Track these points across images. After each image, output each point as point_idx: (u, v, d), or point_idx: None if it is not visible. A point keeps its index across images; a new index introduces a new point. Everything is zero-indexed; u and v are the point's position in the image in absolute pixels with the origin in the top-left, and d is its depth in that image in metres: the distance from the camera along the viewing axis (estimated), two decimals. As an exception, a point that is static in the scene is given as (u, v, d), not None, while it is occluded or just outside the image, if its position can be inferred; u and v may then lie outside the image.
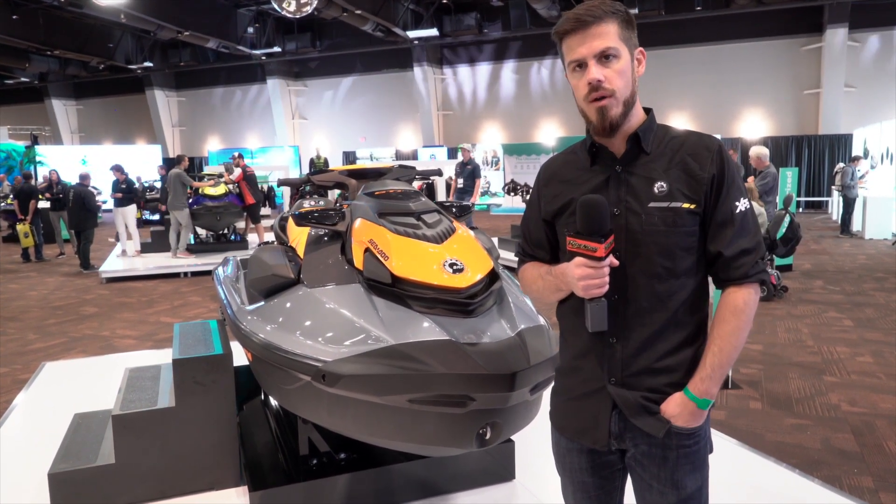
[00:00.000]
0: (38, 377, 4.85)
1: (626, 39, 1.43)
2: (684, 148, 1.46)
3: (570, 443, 1.59)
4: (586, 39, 1.40)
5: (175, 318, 7.31)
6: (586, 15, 1.40)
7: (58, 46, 20.95)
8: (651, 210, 1.42)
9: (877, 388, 4.53)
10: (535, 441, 3.33)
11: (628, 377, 1.46)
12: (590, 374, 1.51)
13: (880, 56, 18.10)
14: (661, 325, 1.44)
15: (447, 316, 2.13)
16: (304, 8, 14.51)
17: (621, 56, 1.41)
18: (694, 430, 1.48)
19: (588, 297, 1.39)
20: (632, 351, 1.46)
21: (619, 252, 1.42)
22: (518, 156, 21.07)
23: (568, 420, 1.59)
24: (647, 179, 1.44)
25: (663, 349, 1.45)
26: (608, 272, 1.38)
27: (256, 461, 3.06)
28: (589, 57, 1.40)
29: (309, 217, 2.65)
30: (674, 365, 1.46)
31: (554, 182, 1.58)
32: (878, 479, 3.28)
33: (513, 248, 10.11)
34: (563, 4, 18.20)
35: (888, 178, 13.49)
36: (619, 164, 1.48)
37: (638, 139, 1.46)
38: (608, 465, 1.57)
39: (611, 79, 1.40)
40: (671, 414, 1.43)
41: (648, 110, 1.51)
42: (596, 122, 1.44)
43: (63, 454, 2.95)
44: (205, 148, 26.75)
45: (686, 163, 1.44)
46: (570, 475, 1.63)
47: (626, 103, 1.43)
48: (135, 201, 11.84)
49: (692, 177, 1.43)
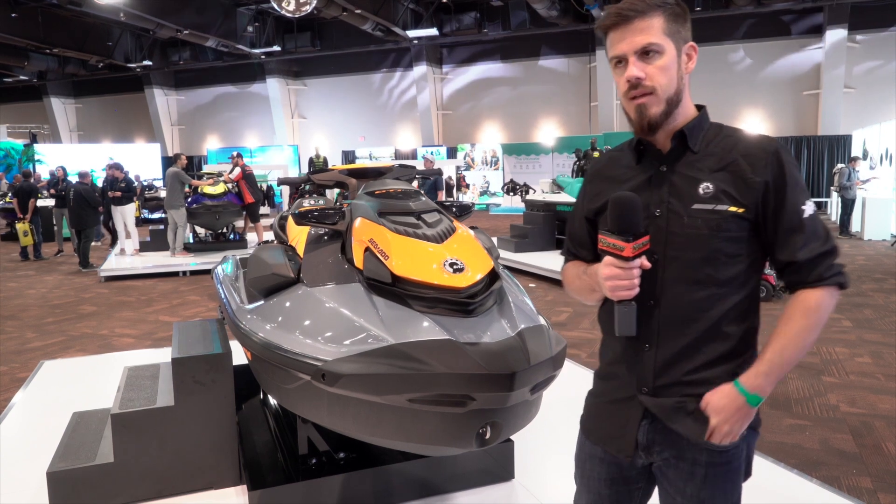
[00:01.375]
0: (36, 376, 4.84)
1: (672, 34, 1.35)
2: (737, 148, 1.37)
3: (594, 448, 1.54)
4: (627, 35, 1.34)
5: (174, 317, 7.31)
6: (628, 9, 1.33)
7: (57, 45, 20.93)
8: (694, 212, 1.35)
9: (875, 389, 4.53)
10: (534, 441, 3.34)
11: (660, 387, 1.40)
12: (623, 380, 1.45)
13: (879, 57, 18.11)
14: (700, 336, 1.36)
15: (447, 315, 2.13)
16: (303, 7, 14.51)
17: (665, 52, 1.34)
18: (728, 448, 1.38)
19: (615, 298, 1.33)
20: (666, 360, 1.38)
21: (657, 255, 1.36)
22: (517, 156, 21.10)
23: (596, 424, 1.54)
24: (693, 180, 1.37)
25: (700, 361, 1.37)
26: (638, 274, 1.31)
27: (255, 460, 3.05)
28: (629, 53, 1.34)
29: (309, 216, 2.65)
30: (711, 378, 1.36)
31: (598, 179, 1.53)
32: (877, 479, 3.28)
33: (512, 247, 10.13)
34: (562, 4, 18.20)
35: (888, 179, 13.50)
36: (664, 163, 1.41)
37: (684, 137, 1.39)
38: (628, 480, 1.51)
39: (652, 76, 1.33)
40: (716, 407, 1.31)
41: (701, 107, 1.44)
42: (635, 120, 1.38)
43: (62, 453, 2.95)
44: (204, 147, 26.74)
45: (738, 164, 1.35)
46: (587, 483, 1.57)
47: (668, 101, 1.35)
48: (133, 199, 11.83)
49: (742, 180, 1.33)
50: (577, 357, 5.31)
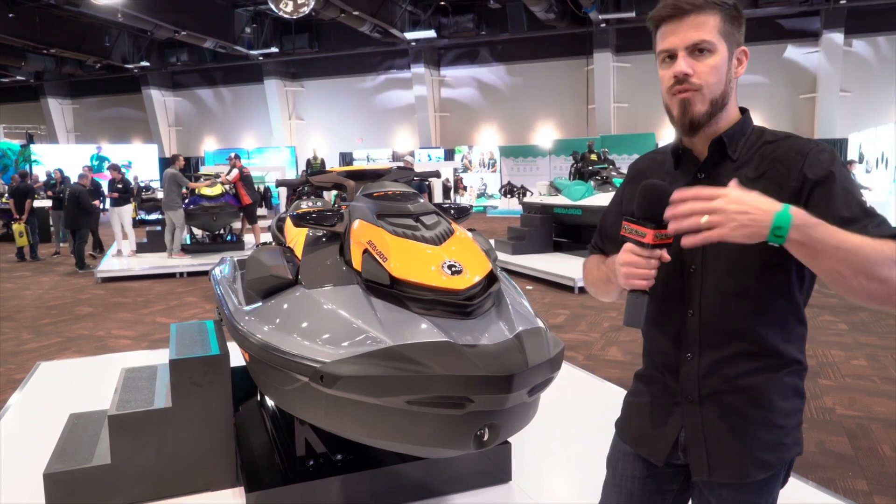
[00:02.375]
0: (32, 377, 4.83)
1: (726, 34, 1.30)
2: (774, 153, 1.32)
3: (628, 447, 1.52)
4: (681, 29, 1.28)
5: (171, 318, 7.29)
6: (686, 3, 1.28)
7: (54, 45, 20.91)
8: None
9: (871, 392, 4.55)
10: (531, 443, 3.35)
11: (705, 397, 1.38)
12: (665, 386, 1.44)
13: (875, 61, 18.19)
14: (742, 346, 1.34)
15: (445, 317, 2.13)
16: (301, 8, 14.52)
17: (717, 51, 1.29)
18: (772, 458, 1.37)
19: (628, 286, 1.28)
20: (708, 369, 1.36)
21: (694, 266, 1.34)
22: (515, 158, 21.12)
23: (632, 424, 1.53)
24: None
25: (744, 370, 1.34)
26: (656, 265, 1.25)
27: (253, 462, 3.05)
28: (680, 48, 1.29)
29: (307, 218, 2.65)
30: (756, 387, 1.35)
31: (638, 180, 1.45)
32: (873, 481, 3.29)
33: (510, 249, 10.14)
34: (559, 7, 18.24)
35: (884, 181, 13.56)
36: (702, 171, 1.37)
37: (722, 144, 1.35)
38: (662, 479, 1.49)
39: (701, 73, 1.28)
40: (733, 192, 1.12)
41: (744, 111, 1.39)
42: (677, 117, 1.33)
43: (58, 454, 2.94)
44: (201, 148, 26.70)
45: (774, 171, 1.30)
46: (617, 481, 1.54)
47: (713, 102, 1.30)
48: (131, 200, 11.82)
49: (779, 185, 1.27)
50: (574, 359, 5.31)
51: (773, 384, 1.35)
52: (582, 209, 9.73)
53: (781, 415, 1.37)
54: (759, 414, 1.36)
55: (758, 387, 1.35)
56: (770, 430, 1.36)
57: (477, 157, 22.36)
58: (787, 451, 1.39)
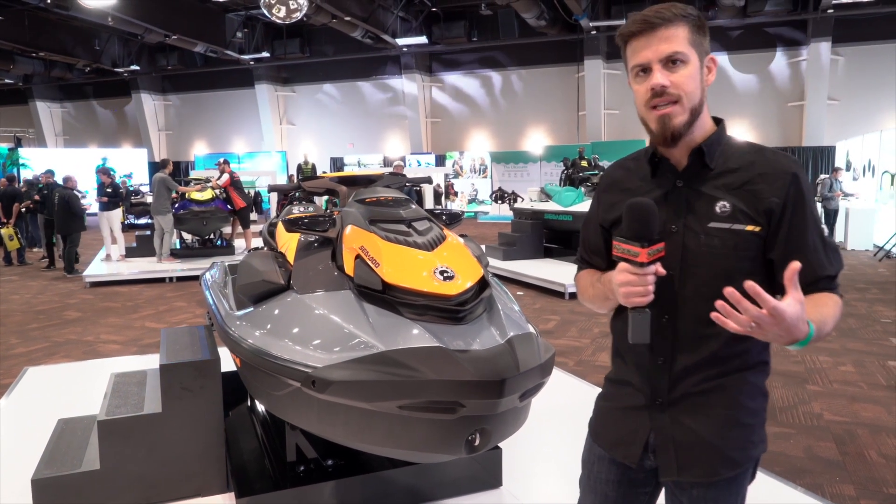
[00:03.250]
0: (20, 382, 4.79)
1: (695, 44, 1.34)
2: (756, 167, 1.35)
3: (602, 451, 1.54)
4: (652, 42, 1.32)
5: (160, 323, 7.26)
6: (654, 17, 1.31)
7: (43, 48, 20.81)
8: (711, 230, 1.34)
9: (858, 398, 4.59)
10: (522, 448, 3.35)
11: (675, 399, 1.41)
12: (636, 389, 1.46)
13: (863, 70, 18.39)
14: (714, 351, 1.36)
15: (437, 323, 2.14)
16: (293, 14, 14.51)
17: (689, 62, 1.33)
18: (740, 457, 1.40)
19: (629, 304, 1.31)
20: (680, 373, 1.39)
21: (672, 271, 1.35)
22: (506, 164, 21.19)
23: (605, 429, 1.55)
24: (710, 198, 1.35)
25: (714, 373, 1.38)
26: (653, 281, 1.28)
27: (243, 467, 3.04)
28: (654, 61, 1.31)
29: (299, 223, 2.65)
30: (724, 390, 1.38)
31: (614, 190, 1.51)
32: (860, 486, 3.32)
33: (500, 255, 10.16)
34: (551, 14, 18.35)
35: (869, 190, 13.70)
36: (681, 179, 1.39)
37: (701, 153, 1.37)
38: (636, 483, 1.51)
39: (677, 84, 1.31)
40: (786, 308, 1.11)
41: (718, 121, 1.42)
42: (657, 131, 1.35)
43: (47, 460, 2.92)
44: (191, 152, 26.60)
45: (755, 183, 1.34)
46: (592, 484, 1.57)
47: (692, 112, 1.34)
48: (120, 205, 11.75)
49: (760, 199, 1.32)
50: (564, 365, 5.33)
51: (741, 385, 1.39)
52: (572, 215, 9.77)
53: (749, 414, 1.40)
54: (728, 414, 1.39)
55: (726, 388, 1.39)
56: (738, 430, 1.40)
57: (468, 163, 22.42)
58: (753, 448, 1.42)
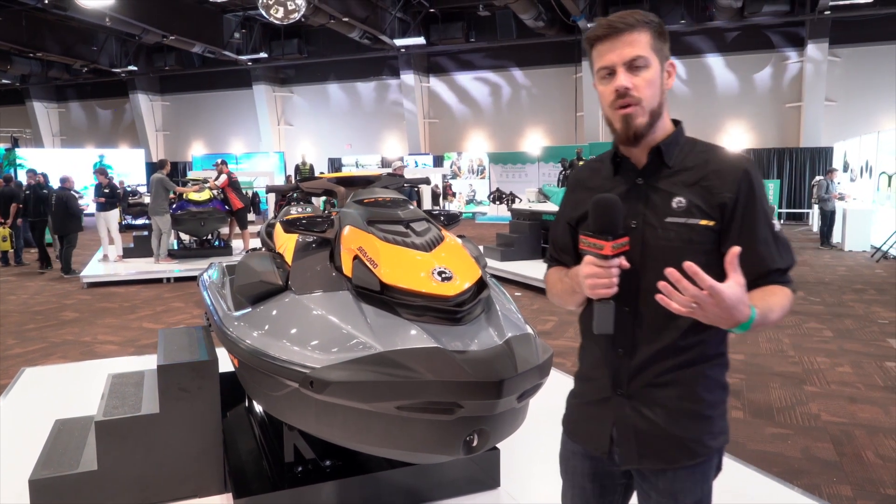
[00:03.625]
0: (17, 383, 4.79)
1: (657, 50, 1.42)
2: (710, 165, 1.43)
3: (575, 446, 1.60)
4: (617, 46, 1.39)
5: (157, 323, 7.25)
6: (619, 22, 1.39)
7: (41, 48, 20.75)
8: (668, 225, 1.41)
9: (855, 399, 4.60)
10: (520, 449, 3.35)
11: (635, 390, 1.46)
12: (600, 382, 1.52)
13: (860, 71, 18.43)
14: (672, 341, 1.42)
15: (435, 324, 2.14)
16: (291, 15, 14.50)
17: (651, 66, 1.40)
18: (699, 448, 1.45)
19: (594, 296, 1.37)
20: (640, 364, 1.45)
21: (634, 265, 1.40)
22: (504, 164, 21.19)
23: (576, 424, 1.61)
24: (667, 194, 1.43)
25: (673, 365, 1.43)
26: (617, 273, 1.35)
27: (241, 468, 3.04)
28: (618, 64, 1.39)
29: (297, 224, 2.65)
30: (683, 380, 1.44)
31: (579, 189, 1.59)
32: (857, 487, 3.32)
33: (499, 256, 10.17)
34: (549, 15, 18.37)
35: (867, 190, 13.73)
36: (641, 177, 1.47)
37: (660, 152, 1.45)
38: (609, 475, 1.57)
39: (639, 87, 1.39)
40: (726, 290, 1.21)
41: (677, 122, 1.50)
42: (620, 131, 1.43)
43: (44, 460, 2.92)
44: (189, 153, 26.57)
45: (709, 180, 1.42)
46: (571, 479, 1.63)
47: (652, 113, 1.41)
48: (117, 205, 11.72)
49: (713, 194, 1.40)
50: (562, 366, 5.33)
51: (700, 378, 1.45)
52: (570, 216, 9.76)
53: (707, 406, 1.46)
54: (687, 406, 1.44)
55: (685, 381, 1.44)
56: (697, 421, 1.45)
57: (466, 164, 22.42)
58: (712, 439, 1.47)
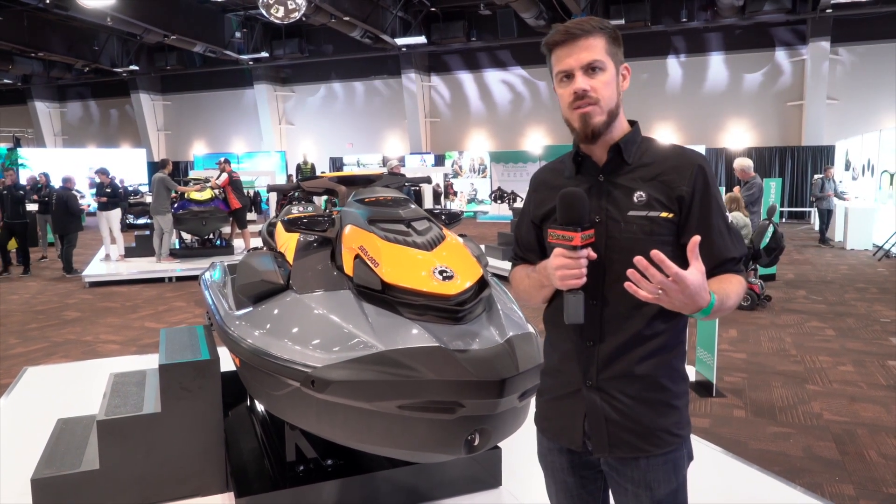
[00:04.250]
0: (19, 382, 4.79)
1: (612, 54, 1.49)
2: (667, 161, 1.50)
3: (551, 442, 1.63)
4: (574, 51, 1.46)
5: (159, 323, 7.25)
6: (576, 28, 1.47)
7: (42, 48, 20.76)
8: (630, 218, 1.47)
9: (858, 397, 4.59)
10: (521, 448, 3.34)
11: (604, 381, 1.50)
12: (569, 375, 1.55)
13: (861, 69, 18.39)
14: (638, 331, 1.47)
15: (437, 323, 2.14)
16: (292, 14, 14.50)
17: (607, 69, 1.48)
18: (667, 437, 1.50)
19: (565, 287, 1.41)
20: (608, 354, 1.49)
21: (600, 258, 1.46)
22: (505, 163, 21.17)
23: (548, 421, 1.63)
24: (628, 189, 1.49)
25: (639, 355, 1.48)
26: (585, 264, 1.40)
27: (242, 467, 3.04)
28: (576, 68, 1.46)
29: (299, 223, 2.65)
30: (649, 371, 1.49)
31: (542, 189, 1.65)
32: (859, 486, 3.32)
33: (500, 255, 10.15)
34: (550, 14, 18.35)
35: (869, 188, 13.70)
36: (602, 174, 1.53)
37: (619, 150, 1.51)
38: (588, 465, 1.60)
39: (596, 89, 1.46)
40: (687, 276, 1.28)
41: (633, 123, 1.56)
42: (579, 129, 1.49)
43: (46, 459, 2.92)
44: (190, 152, 26.59)
45: (666, 174, 1.49)
46: (552, 475, 1.66)
47: (609, 113, 1.48)
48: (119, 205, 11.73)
49: (671, 188, 1.47)
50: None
51: (664, 368, 1.50)
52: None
53: (673, 396, 1.52)
54: (654, 396, 1.50)
55: (651, 371, 1.49)
56: (664, 411, 1.50)
57: (467, 163, 22.41)
58: (680, 428, 1.53)
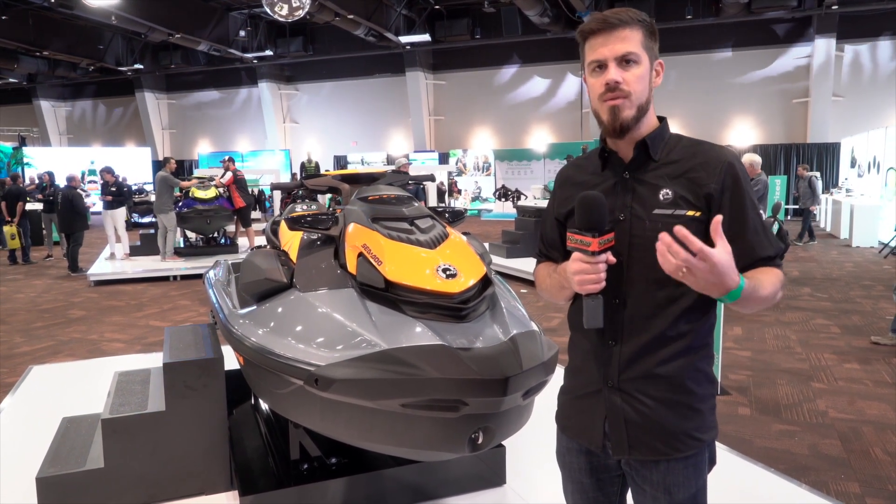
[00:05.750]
0: (25, 381, 4.81)
1: (647, 48, 1.45)
2: (695, 158, 1.46)
3: (571, 442, 1.61)
4: (609, 41, 1.42)
5: (164, 321, 7.27)
6: (613, 17, 1.43)
7: (47, 47, 20.82)
8: (655, 217, 1.43)
9: (863, 395, 4.57)
10: (525, 446, 3.34)
11: (625, 381, 1.48)
12: (591, 375, 1.54)
13: (867, 66, 18.30)
14: (661, 332, 1.44)
15: (440, 321, 2.14)
16: (296, 12, 14.51)
17: (641, 63, 1.43)
18: (688, 440, 1.47)
19: (583, 292, 1.40)
20: (629, 355, 1.47)
21: (622, 257, 1.43)
22: (509, 161, 21.17)
23: (569, 419, 1.62)
24: (654, 187, 1.45)
25: (662, 356, 1.45)
26: (604, 269, 1.38)
27: (247, 466, 3.05)
28: (610, 59, 1.42)
29: (302, 221, 2.65)
30: (672, 373, 1.45)
31: (567, 185, 1.61)
32: (865, 484, 3.31)
33: (504, 253, 10.15)
34: (554, 11, 18.31)
35: (875, 185, 13.64)
36: (627, 170, 1.49)
37: (646, 146, 1.48)
38: (606, 468, 1.58)
39: (629, 82, 1.42)
40: (716, 254, 1.22)
41: (662, 119, 1.53)
42: (607, 122, 1.45)
43: (51, 458, 2.93)
44: (195, 151, 26.64)
45: (695, 172, 1.44)
46: (569, 474, 1.65)
47: (639, 108, 1.44)
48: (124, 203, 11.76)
49: (699, 186, 1.43)
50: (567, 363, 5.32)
51: (689, 370, 1.47)
52: (576, 213, 9.74)
53: (697, 399, 1.48)
54: (677, 399, 1.46)
55: (674, 373, 1.46)
56: (687, 414, 1.47)
57: (471, 161, 22.40)
58: (702, 433, 1.49)
